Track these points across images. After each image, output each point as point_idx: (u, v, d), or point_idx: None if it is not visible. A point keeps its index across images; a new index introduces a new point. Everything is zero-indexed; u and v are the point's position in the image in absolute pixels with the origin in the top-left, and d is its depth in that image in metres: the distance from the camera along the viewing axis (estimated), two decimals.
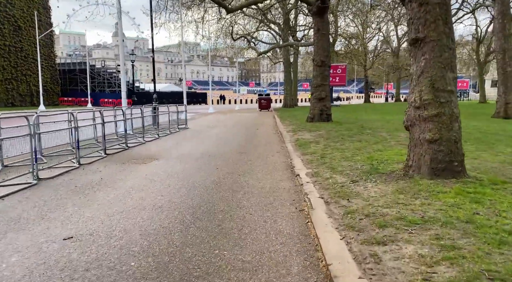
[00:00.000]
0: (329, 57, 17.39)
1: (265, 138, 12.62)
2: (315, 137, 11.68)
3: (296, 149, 9.45)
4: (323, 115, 16.91)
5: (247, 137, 13.15)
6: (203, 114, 30.13)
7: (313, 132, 13.00)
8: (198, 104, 58.61)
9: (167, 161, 8.27)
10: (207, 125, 19.29)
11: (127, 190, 5.69)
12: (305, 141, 10.63)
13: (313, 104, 17.07)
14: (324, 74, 16.86)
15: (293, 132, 13.54)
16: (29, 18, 42.26)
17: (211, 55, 55.09)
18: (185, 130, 16.58)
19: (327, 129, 13.71)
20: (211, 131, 15.42)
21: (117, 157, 9.04)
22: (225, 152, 9.53)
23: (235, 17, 39.37)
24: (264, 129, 15.99)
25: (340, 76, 42.14)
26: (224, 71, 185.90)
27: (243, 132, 14.99)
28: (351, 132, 12.47)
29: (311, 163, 7.35)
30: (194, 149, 10.23)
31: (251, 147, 10.53)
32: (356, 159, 7.43)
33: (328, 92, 17.10)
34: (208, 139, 12.51)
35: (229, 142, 11.60)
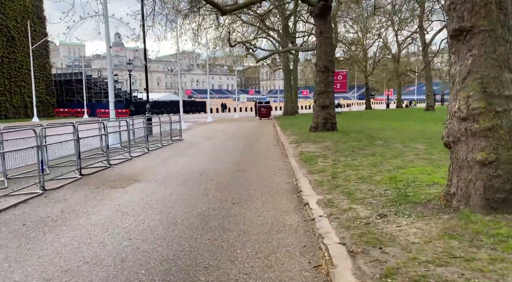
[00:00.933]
0: (333, 62, 16.21)
1: (265, 151, 11.34)
2: (321, 149, 10.40)
3: (301, 165, 8.17)
4: (327, 124, 15.66)
5: (245, 150, 11.88)
6: (201, 124, 28.92)
7: (318, 144, 11.73)
8: (197, 113, 57.55)
9: (149, 184, 6.99)
10: (203, 135, 18.04)
11: (88, 230, 4.40)
12: (311, 155, 9.35)
13: (316, 112, 15.84)
14: (327, 80, 15.65)
15: (296, 143, 12.28)
16: (23, 28, 41.32)
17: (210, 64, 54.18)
18: (178, 142, 15.33)
19: (333, 140, 12.44)
20: (207, 143, 14.16)
21: (93, 178, 7.76)
22: (219, 170, 8.26)
23: (233, 24, 38.44)
24: (264, 140, 14.72)
25: (341, 83, 41.02)
26: (223, 79, 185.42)
27: (241, 144, 13.73)
28: (360, 144, 11.19)
29: (322, 185, 6.07)
30: (184, 166, 8.95)
31: (249, 162, 9.25)
32: (376, 180, 6.14)
33: (332, 99, 15.88)
34: (201, 153, 11.24)
35: (225, 157, 10.33)
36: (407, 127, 18.67)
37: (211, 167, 8.74)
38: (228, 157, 10.37)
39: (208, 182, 6.99)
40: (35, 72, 43.11)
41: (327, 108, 15.62)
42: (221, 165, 9.00)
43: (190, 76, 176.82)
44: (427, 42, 46.57)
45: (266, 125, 24.69)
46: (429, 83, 46.69)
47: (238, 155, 10.65)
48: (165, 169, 8.65)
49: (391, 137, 12.86)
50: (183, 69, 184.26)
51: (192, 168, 8.66)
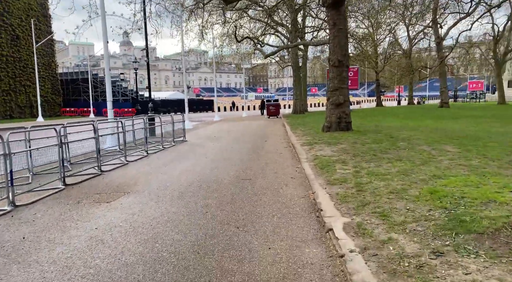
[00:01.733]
0: (347, 56, 14.99)
1: (275, 155, 10.23)
2: (338, 153, 9.25)
3: (317, 173, 7.04)
4: (341, 123, 14.47)
5: (253, 153, 10.78)
6: (208, 123, 27.92)
7: (333, 146, 10.57)
8: (205, 111, 56.72)
9: (140, 198, 5.93)
10: (208, 136, 16.99)
11: (42, 272, 3.34)
12: (327, 160, 8.22)
13: (329, 110, 14.65)
14: (342, 76, 14.45)
15: (308, 145, 11.14)
16: (28, 27, 40.70)
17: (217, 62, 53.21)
18: (181, 144, 14.29)
19: (350, 141, 11.27)
20: (211, 145, 13.09)
21: (78, 190, 6.73)
22: (222, 179, 7.17)
23: (240, 20, 37.33)
24: (273, 141, 13.61)
25: (352, 79, 39.47)
26: (231, 77, 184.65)
27: (249, 145, 12.64)
28: (381, 146, 10.00)
29: (346, 201, 4.94)
30: (183, 173, 7.88)
31: (257, 169, 8.15)
32: (413, 196, 4.98)
33: (347, 96, 14.67)
34: (204, 158, 10.16)
35: (230, 162, 9.24)
36: (426, 126, 17.38)
37: (213, 174, 7.66)
38: (234, 161, 9.28)
39: (209, 196, 5.90)
40: (40, 71, 42.56)
41: (341, 106, 14.42)
42: (225, 172, 7.92)
43: (198, 75, 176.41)
44: (441, 36, 44.87)
45: (275, 124, 23.56)
46: (444, 79, 44.99)
47: (244, 160, 9.55)
48: (161, 177, 7.59)
49: (414, 137, 11.63)
50: (190, 67, 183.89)
51: (192, 176, 7.59)
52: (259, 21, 38.47)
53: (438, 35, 44.20)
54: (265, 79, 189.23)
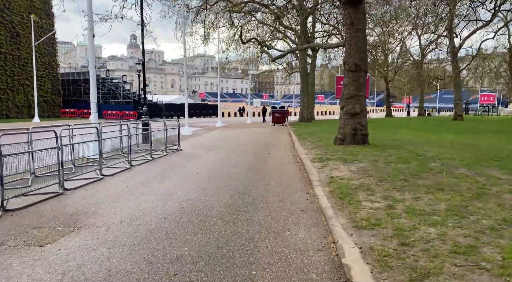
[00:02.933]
0: (366, 59, 13.29)
1: (280, 173, 8.49)
2: (358, 174, 7.50)
3: (336, 205, 5.30)
4: (357, 135, 12.72)
5: (253, 169, 9.05)
6: (209, 129, 26.27)
7: (350, 164, 8.82)
8: (209, 116, 55.28)
9: (88, 241, 4.21)
10: (207, 144, 15.30)
11: None
12: (346, 185, 6.47)
13: (343, 120, 12.91)
14: (359, 82, 12.73)
15: (320, 161, 9.39)
16: (29, 24, 39.59)
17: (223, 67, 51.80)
18: (174, 153, 12.61)
19: (369, 159, 9.51)
20: (206, 157, 11.38)
21: (15, 219, 5.03)
22: (210, 209, 5.46)
23: (247, 24, 35.86)
24: (278, 154, 11.88)
25: None
26: (238, 83, 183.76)
27: (250, 158, 10.91)
28: (410, 166, 8.24)
29: (388, 266, 3.20)
30: (162, 198, 6.17)
31: (256, 194, 6.42)
32: (495, 263, 3.22)
33: (364, 105, 12.94)
34: (195, 174, 8.43)
35: (225, 181, 7.52)
36: (451, 141, 15.57)
37: (201, 201, 5.94)
38: (229, 181, 7.55)
39: (186, 242, 4.16)
40: (40, 70, 41.36)
41: (357, 116, 12.68)
42: (216, 197, 6.19)
43: (204, 79, 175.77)
44: (456, 46, 43.07)
45: (281, 133, 21.85)
46: (458, 90, 43.09)
47: (242, 178, 7.82)
48: (132, 203, 5.88)
49: (445, 156, 9.84)
50: (197, 72, 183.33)
51: (173, 203, 5.87)
52: (267, 25, 37.00)
53: (453, 44, 42.41)
54: (271, 86, 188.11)
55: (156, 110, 50.22)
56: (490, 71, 68.49)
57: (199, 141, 17.30)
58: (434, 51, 59.84)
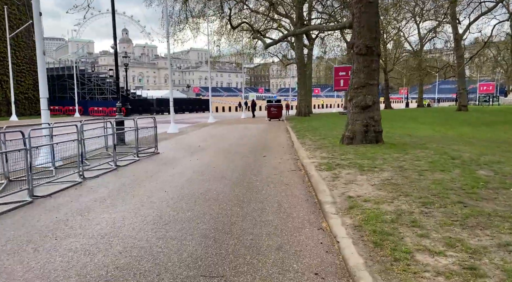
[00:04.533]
0: (379, 40, 11.04)
1: (278, 190, 6.29)
2: (386, 191, 5.33)
3: (374, 267, 3.12)
4: (369, 133, 10.54)
5: (242, 184, 6.84)
6: (199, 126, 24.00)
7: (370, 173, 6.65)
8: (202, 111, 52.91)
9: None
10: (192, 145, 13.07)
11: None
12: (377, 215, 4.28)
13: (352, 115, 10.71)
14: (370, 68, 10.51)
15: (328, 169, 7.21)
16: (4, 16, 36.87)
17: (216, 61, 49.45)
18: (148, 158, 10.37)
19: (391, 164, 7.34)
20: (186, 164, 9.14)
21: None
22: (172, 263, 3.27)
23: (240, 13, 33.43)
24: (274, 159, 9.67)
25: None
26: (232, 77, 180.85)
27: (239, 165, 8.70)
28: (453, 177, 6.07)
29: None
30: (91, 247, 3.96)
31: (241, 237, 4.20)
32: None
33: (376, 96, 10.73)
34: (161, 194, 6.19)
35: (199, 208, 5.31)
36: (472, 136, 13.47)
37: (154, 250, 3.73)
38: (205, 206, 5.34)
39: None
40: (20, 65, 38.79)
41: (369, 110, 10.48)
42: (180, 243, 3.97)
43: (198, 74, 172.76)
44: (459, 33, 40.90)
45: (277, 130, 19.64)
46: (462, 79, 41.01)
47: (225, 201, 5.61)
48: (41, 256, 3.67)
49: (489, 160, 7.68)
50: (191, 66, 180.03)
51: (110, 251, 3.67)
52: (261, 13, 34.60)
53: (457, 31, 40.22)
54: (267, 79, 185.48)
55: (146, 106, 47.79)
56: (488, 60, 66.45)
57: (184, 140, 15.05)
58: (433, 40, 57.53)
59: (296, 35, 31.80)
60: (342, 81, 35.92)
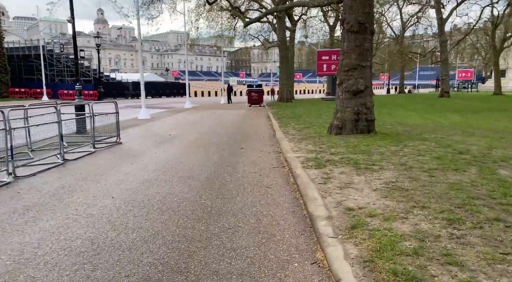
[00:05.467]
0: (373, 15, 9.75)
1: (256, 196, 5.00)
2: (393, 199, 4.14)
3: None
4: (360, 121, 9.35)
5: (213, 186, 5.52)
6: (174, 111, 22.40)
7: (368, 172, 5.46)
8: (180, 96, 50.90)
9: None
10: (161, 134, 11.61)
11: None
12: (392, 241, 3.08)
13: (342, 101, 9.47)
14: (363, 48, 9.24)
15: (318, 167, 5.99)
16: None
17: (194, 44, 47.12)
18: (107, 150, 8.88)
19: (392, 160, 6.18)
20: (150, 158, 7.73)
21: None
22: None
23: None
24: (254, 151, 8.37)
25: None
26: (213, 61, 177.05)
27: (212, 160, 7.36)
28: (472, 179, 4.94)
29: None
30: None
31: (202, 270, 2.95)
32: None
33: (369, 79, 9.51)
34: (107, 201, 4.80)
35: (156, 218, 3.99)
36: (466, 124, 12.54)
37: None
38: (162, 219, 4.02)
39: None
40: None
41: (361, 96, 9.26)
42: (117, 278, 2.69)
43: (177, 57, 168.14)
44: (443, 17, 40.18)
45: (258, 116, 18.31)
46: (445, 65, 40.58)
47: (187, 213, 4.29)
48: None
49: (503, 155, 6.62)
50: (170, 49, 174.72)
51: None
52: None
53: (441, 15, 39.46)
54: (248, 64, 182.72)
55: (120, 89, 45.41)
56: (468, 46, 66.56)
57: (154, 128, 13.54)
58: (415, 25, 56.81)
59: (278, 14, 30.23)
60: (325, 66, 34.75)
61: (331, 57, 34.55)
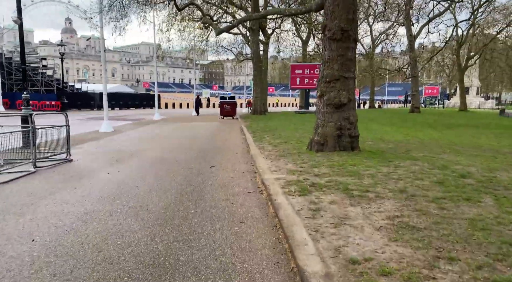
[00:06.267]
0: (356, 22, 8.96)
1: (227, 234, 3.86)
2: (405, 242, 3.15)
3: None
4: (343, 137, 8.45)
5: (172, 220, 4.34)
6: (141, 124, 20.93)
7: (364, 202, 4.47)
8: (150, 108, 49.05)
9: None
10: (120, 150, 10.25)
11: None
12: None
13: (323, 115, 8.56)
14: (346, 57, 8.42)
15: (302, 193, 4.95)
16: None
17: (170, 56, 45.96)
18: (52, 169, 7.47)
19: (387, 185, 5.25)
20: (99, 180, 6.42)
21: None
22: None
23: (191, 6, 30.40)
24: (225, 172, 7.25)
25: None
26: (186, 73, 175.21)
27: (175, 183, 6.16)
28: (491, 211, 4.07)
29: None
30: None
31: None
32: None
33: (353, 92, 8.66)
34: (30, 242, 3.53)
35: (82, 278, 2.80)
36: (447, 141, 11.99)
37: None
38: (99, 275, 2.82)
39: None
40: None
41: (343, 109, 8.38)
42: None
43: (149, 68, 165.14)
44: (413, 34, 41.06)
45: (231, 129, 17.21)
46: (415, 81, 41.25)
47: (132, 267, 3.12)
48: None
49: (511, 178, 5.85)
50: (141, 60, 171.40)
51: None
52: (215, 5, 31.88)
53: (411, 32, 40.27)
54: (221, 76, 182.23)
55: (86, 100, 43.08)
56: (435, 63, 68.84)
57: (114, 143, 12.14)
58: (384, 42, 58.04)
59: (251, 27, 29.56)
60: (299, 79, 34.36)
61: (304, 71, 34.26)
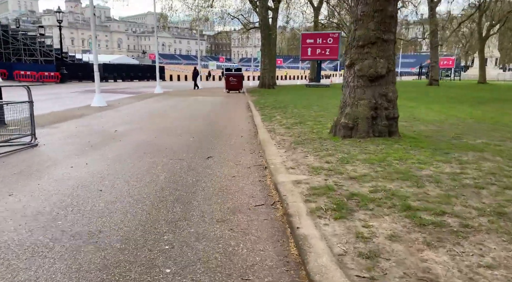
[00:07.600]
0: None
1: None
2: None
3: None
4: (379, 119, 6.58)
5: (135, 259, 2.66)
6: (139, 97, 19.15)
7: (452, 240, 2.71)
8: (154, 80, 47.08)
9: None
10: (103, 130, 8.52)
11: None
12: None
13: (353, 90, 6.66)
14: (385, 13, 6.41)
15: (338, 214, 3.20)
16: None
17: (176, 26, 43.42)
18: (6, 158, 5.79)
19: (474, 205, 3.47)
20: (54, 181, 4.69)
21: None
22: None
23: None
24: (226, 165, 5.49)
25: (331, 48, 32.06)
26: (192, 44, 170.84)
27: (155, 185, 4.44)
28: None
29: None
30: None
31: None
32: None
33: (392, 59, 6.71)
34: None
35: None
36: (493, 120, 10.03)
37: None
38: None
39: None
40: None
41: (380, 82, 6.47)
42: None
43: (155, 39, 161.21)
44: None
45: (236, 106, 15.35)
46: (436, 52, 38.44)
47: None
48: None
49: None
50: (147, 31, 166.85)
51: None
52: None
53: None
54: (228, 48, 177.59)
55: (87, 71, 41.13)
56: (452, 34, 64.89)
57: (100, 121, 10.40)
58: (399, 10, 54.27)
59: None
60: (310, 50, 32.01)
61: (316, 41, 31.84)
